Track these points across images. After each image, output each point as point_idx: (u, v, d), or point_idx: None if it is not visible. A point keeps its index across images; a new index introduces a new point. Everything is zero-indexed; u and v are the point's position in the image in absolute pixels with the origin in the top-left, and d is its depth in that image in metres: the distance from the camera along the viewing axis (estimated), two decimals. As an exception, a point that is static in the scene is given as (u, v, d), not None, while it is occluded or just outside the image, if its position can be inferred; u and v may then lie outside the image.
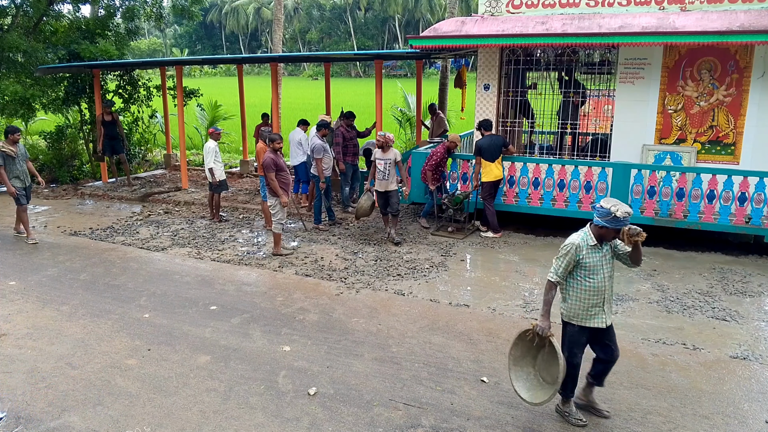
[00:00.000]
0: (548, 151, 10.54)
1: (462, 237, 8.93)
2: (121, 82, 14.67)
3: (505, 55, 9.68)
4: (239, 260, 8.01)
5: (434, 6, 65.01)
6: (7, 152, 8.67)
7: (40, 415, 4.39)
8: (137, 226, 9.83)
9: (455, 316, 6.11)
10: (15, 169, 8.82)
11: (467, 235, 9.05)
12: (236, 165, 15.77)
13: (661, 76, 8.70)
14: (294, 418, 4.32)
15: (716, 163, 8.60)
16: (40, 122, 19.20)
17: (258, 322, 6.01)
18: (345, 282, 7.13)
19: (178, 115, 12.80)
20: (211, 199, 10.11)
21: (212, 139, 10.03)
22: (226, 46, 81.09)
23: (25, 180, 8.97)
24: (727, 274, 7.31)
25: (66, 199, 12.01)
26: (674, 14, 8.31)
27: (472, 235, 9.11)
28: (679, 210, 8.23)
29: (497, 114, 9.82)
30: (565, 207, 8.83)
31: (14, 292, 6.87)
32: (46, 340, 5.63)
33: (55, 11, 14.43)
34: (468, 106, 12.51)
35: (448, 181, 9.72)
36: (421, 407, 4.45)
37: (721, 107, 8.51)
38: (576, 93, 9.73)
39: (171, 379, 4.88)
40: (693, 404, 4.49)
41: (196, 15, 16.00)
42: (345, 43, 71.18)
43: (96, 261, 8.02)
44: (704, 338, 5.61)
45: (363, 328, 5.84)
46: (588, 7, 8.95)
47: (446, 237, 8.97)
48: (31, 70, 13.00)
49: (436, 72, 39.56)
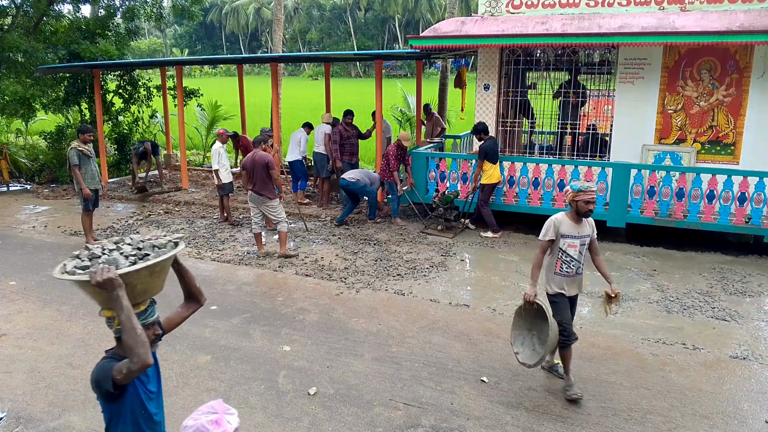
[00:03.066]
0: (548, 151, 10.54)
1: (452, 236, 8.93)
2: (121, 82, 14.67)
3: (505, 55, 9.68)
4: (239, 260, 8.01)
5: (434, 6, 64.98)
6: (83, 151, 8.26)
7: (40, 415, 4.39)
8: (137, 226, 9.83)
9: (455, 316, 6.11)
10: (90, 170, 8.37)
11: (457, 233, 9.05)
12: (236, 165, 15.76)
13: (661, 76, 8.71)
14: (294, 418, 4.32)
15: (716, 163, 8.60)
16: (40, 122, 19.20)
17: (258, 322, 6.01)
18: (345, 282, 7.13)
19: (178, 115, 12.80)
20: (221, 201, 10.09)
21: (219, 141, 10.03)
22: (226, 46, 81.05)
23: (98, 182, 8.59)
24: (727, 274, 7.31)
25: (66, 199, 12.00)
26: (674, 14, 8.31)
27: (461, 233, 9.11)
28: (679, 210, 8.23)
29: (497, 114, 9.82)
30: (565, 207, 8.82)
31: (14, 292, 6.87)
32: (47, 340, 5.63)
33: (55, 11, 14.44)
34: (468, 106, 12.50)
35: (448, 181, 9.73)
36: (421, 407, 4.45)
37: (721, 107, 8.51)
38: (576, 93, 9.73)
39: (171, 379, 4.88)
40: (693, 404, 4.49)
41: (196, 15, 16.02)
42: (345, 43, 71.16)
43: (96, 261, 8.00)
44: (704, 338, 5.61)
45: (363, 328, 5.84)
46: (588, 7, 8.96)
47: (435, 235, 8.98)
48: (31, 70, 13.01)
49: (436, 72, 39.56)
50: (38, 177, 14.07)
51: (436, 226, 9.23)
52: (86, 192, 8.28)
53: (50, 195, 12.38)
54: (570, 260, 4.53)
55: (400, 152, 9.44)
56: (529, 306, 4.57)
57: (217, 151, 9.80)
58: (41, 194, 12.43)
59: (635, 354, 5.29)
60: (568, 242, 4.53)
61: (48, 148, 14.62)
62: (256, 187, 7.96)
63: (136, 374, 2.26)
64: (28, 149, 15.99)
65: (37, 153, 15.16)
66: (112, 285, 2.20)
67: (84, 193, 8.28)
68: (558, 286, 4.59)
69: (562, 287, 4.58)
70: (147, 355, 2.20)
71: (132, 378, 2.30)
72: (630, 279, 7.19)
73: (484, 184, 8.79)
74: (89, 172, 8.40)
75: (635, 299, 6.56)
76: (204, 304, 2.93)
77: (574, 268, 4.55)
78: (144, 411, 2.50)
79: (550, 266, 4.62)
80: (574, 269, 4.55)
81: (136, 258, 2.42)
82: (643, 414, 4.35)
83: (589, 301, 6.55)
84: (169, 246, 2.56)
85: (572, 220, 4.57)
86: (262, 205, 8.04)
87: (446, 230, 9.12)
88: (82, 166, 8.29)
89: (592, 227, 4.65)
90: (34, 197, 12.28)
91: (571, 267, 4.54)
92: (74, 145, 8.29)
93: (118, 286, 2.21)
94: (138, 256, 2.42)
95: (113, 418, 2.46)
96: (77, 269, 2.35)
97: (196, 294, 2.82)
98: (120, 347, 2.43)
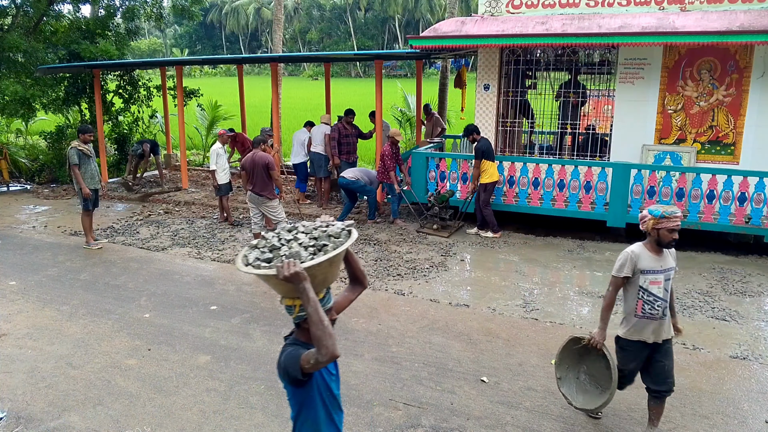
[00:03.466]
0: (548, 151, 10.54)
1: (447, 235, 8.94)
2: (121, 82, 14.68)
3: (505, 55, 9.68)
4: (239, 260, 7.99)
5: (434, 6, 64.98)
6: (83, 150, 8.28)
7: (40, 415, 4.39)
8: (137, 226, 9.83)
9: (455, 316, 6.11)
10: (90, 169, 8.39)
11: (452, 233, 9.06)
12: (235, 165, 15.75)
13: (661, 76, 8.71)
14: (294, 418, 4.32)
15: (716, 163, 8.60)
16: (40, 122, 19.21)
17: (258, 322, 6.01)
18: (345, 282, 7.13)
19: (178, 115, 12.80)
20: (220, 201, 10.09)
21: (219, 142, 10.04)
22: (226, 46, 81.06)
23: (98, 182, 8.61)
24: (727, 274, 7.31)
25: (66, 199, 12.00)
26: (674, 14, 8.31)
27: (457, 232, 9.12)
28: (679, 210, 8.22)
29: (497, 114, 9.82)
30: (565, 207, 8.84)
31: (14, 292, 6.87)
32: (47, 340, 5.63)
33: (55, 11, 14.44)
34: (468, 106, 12.50)
35: (448, 181, 9.73)
36: (421, 407, 4.45)
37: (721, 107, 8.51)
38: (576, 93, 9.73)
39: (171, 379, 4.88)
40: (693, 404, 4.49)
41: (196, 15, 16.01)
42: (345, 43, 71.16)
43: (96, 261, 8.02)
44: (704, 338, 5.61)
45: (363, 328, 5.84)
46: (588, 7, 8.96)
47: (431, 234, 8.98)
48: (31, 70, 13.01)
49: (436, 72, 39.55)
50: (38, 177, 14.08)
51: (432, 225, 9.24)
52: (86, 192, 8.28)
53: (50, 195, 12.38)
54: (654, 300, 3.81)
55: (395, 150, 9.47)
56: (591, 347, 4.07)
57: (215, 152, 9.80)
58: (41, 194, 12.43)
59: (635, 354, 5.28)
60: (650, 278, 3.80)
61: (48, 148, 14.62)
62: (256, 187, 7.95)
63: (323, 365, 2.30)
64: (28, 149, 15.99)
65: (37, 153, 15.15)
66: (298, 278, 2.24)
67: (84, 193, 8.28)
68: (638, 333, 3.88)
69: (643, 335, 3.87)
70: (335, 347, 2.24)
71: (319, 368, 2.34)
72: (630, 279, 7.18)
73: (485, 183, 8.79)
74: (89, 172, 8.40)
75: (635, 299, 6.55)
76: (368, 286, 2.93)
77: (660, 309, 3.82)
78: (329, 393, 2.57)
79: (629, 308, 3.93)
80: (660, 310, 3.82)
81: (315, 249, 2.44)
82: (643, 414, 4.34)
83: (589, 301, 6.55)
84: (343, 235, 2.54)
85: (652, 252, 3.83)
86: (261, 205, 8.04)
87: (442, 229, 9.13)
88: (81, 166, 8.29)
89: (674, 257, 3.95)
90: (34, 197, 12.28)
91: (656, 308, 3.81)
92: (74, 145, 8.28)
93: (304, 279, 2.25)
94: (317, 247, 2.44)
95: (304, 402, 2.52)
96: (260, 261, 2.40)
97: (360, 277, 2.81)
98: (300, 333, 2.49)
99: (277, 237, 2.55)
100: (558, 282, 7.15)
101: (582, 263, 7.79)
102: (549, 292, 6.83)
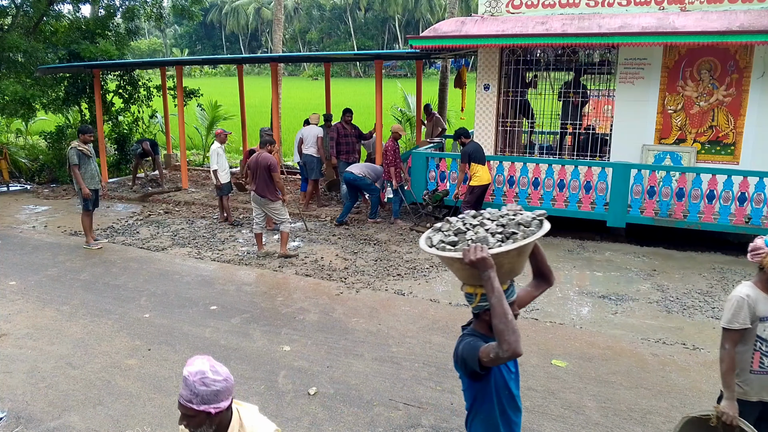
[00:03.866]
0: (548, 151, 10.54)
1: None
2: (121, 82, 14.67)
3: (505, 55, 9.68)
4: (239, 260, 8.01)
5: (434, 6, 64.99)
6: (83, 151, 8.27)
7: (40, 415, 4.39)
8: (137, 226, 9.83)
9: (455, 316, 6.11)
10: (90, 170, 8.37)
11: None
12: (236, 165, 15.76)
13: (661, 76, 8.70)
14: (294, 418, 4.32)
15: (716, 163, 8.60)
16: (40, 122, 19.20)
17: (258, 322, 6.01)
18: (345, 282, 7.13)
19: (178, 115, 12.80)
20: (220, 201, 10.08)
21: (217, 141, 10.01)
22: (226, 46, 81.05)
23: (98, 182, 8.60)
24: (727, 274, 7.32)
25: (66, 199, 12.00)
26: (674, 14, 8.31)
27: None
28: (679, 210, 8.23)
29: (497, 114, 9.82)
30: (565, 207, 8.84)
31: (14, 292, 6.87)
32: (47, 340, 5.63)
33: (55, 11, 14.44)
34: (468, 106, 12.51)
35: (448, 181, 9.73)
36: (421, 407, 4.45)
37: (721, 107, 8.51)
38: (577, 93, 9.73)
39: (171, 379, 4.88)
40: (693, 404, 4.48)
41: (196, 15, 16.01)
42: (345, 43, 71.16)
43: (96, 261, 8.02)
44: (704, 338, 5.61)
45: (363, 328, 5.84)
46: (588, 7, 8.95)
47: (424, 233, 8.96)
48: (31, 70, 13.01)
49: (436, 72, 39.54)
50: (38, 177, 14.08)
51: (425, 224, 9.24)
52: (86, 192, 8.27)
53: (50, 195, 12.38)
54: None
55: (397, 146, 9.50)
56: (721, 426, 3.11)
57: (215, 152, 9.79)
58: (41, 194, 12.43)
59: (635, 354, 5.29)
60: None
61: (48, 148, 14.62)
62: (258, 188, 7.97)
63: (503, 361, 2.14)
64: (28, 149, 15.99)
65: (37, 153, 15.15)
66: (484, 265, 2.10)
67: (84, 193, 8.28)
68: (758, 392, 3.13)
69: (763, 393, 3.13)
70: (518, 344, 2.05)
71: (499, 363, 2.18)
72: (630, 279, 7.19)
73: (474, 186, 8.69)
74: (89, 172, 8.40)
75: (635, 299, 6.56)
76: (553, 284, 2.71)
77: None
78: (507, 391, 2.41)
79: (742, 363, 3.14)
80: None
81: (503, 237, 2.27)
82: (643, 414, 4.35)
83: (589, 301, 6.55)
84: (534, 224, 2.33)
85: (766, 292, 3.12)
86: (264, 206, 8.05)
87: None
88: (81, 166, 8.29)
89: None
90: (34, 197, 12.28)
91: None
92: (74, 145, 8.28)
93: (490, 267, 2.10)
94: (505, 234, 2.28)
95: (478, 396, 2.39)
96: (445, 244, 2.27)
97: (546, 273, 2.63)
98: (478, 324, 2.36)
99: (461, 221, 2.40)
100: (558, 282, 7.15)
101: (582, 263, 7.79)
102: (549, 292, 6.79)
